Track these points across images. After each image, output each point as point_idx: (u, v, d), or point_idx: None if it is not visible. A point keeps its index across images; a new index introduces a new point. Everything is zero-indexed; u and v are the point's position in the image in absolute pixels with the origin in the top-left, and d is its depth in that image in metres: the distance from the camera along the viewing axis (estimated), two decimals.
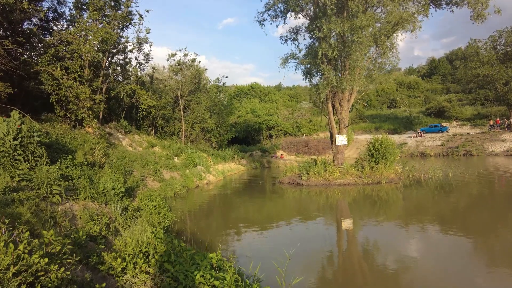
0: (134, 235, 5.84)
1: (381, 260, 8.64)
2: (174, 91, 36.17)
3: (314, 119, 64.65)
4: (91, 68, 20.23)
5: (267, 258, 8.12)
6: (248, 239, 10.71)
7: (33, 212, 6.30)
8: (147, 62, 30.40)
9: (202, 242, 9.40)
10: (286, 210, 15.65)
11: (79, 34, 17.46)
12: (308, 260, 8.60)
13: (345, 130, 21.14)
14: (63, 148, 12.94)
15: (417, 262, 8.28)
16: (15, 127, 9.32)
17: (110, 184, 11.04)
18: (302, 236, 11.19)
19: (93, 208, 8.54)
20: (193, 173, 23.25)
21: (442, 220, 12.25)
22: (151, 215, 10.10)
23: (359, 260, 8.85)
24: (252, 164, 38.30)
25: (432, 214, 13.22)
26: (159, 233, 6.00)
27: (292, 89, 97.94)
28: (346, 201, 17.41)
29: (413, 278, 7.31)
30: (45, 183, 7.82)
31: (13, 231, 4.42)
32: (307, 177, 20.43)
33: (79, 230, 6.34)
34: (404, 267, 8.05)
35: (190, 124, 35.63)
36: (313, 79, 23.23)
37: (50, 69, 15.38)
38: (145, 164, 19.71)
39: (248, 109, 64.93)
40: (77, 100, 16.45)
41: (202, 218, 13.95)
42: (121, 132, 24.07)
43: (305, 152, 48.88)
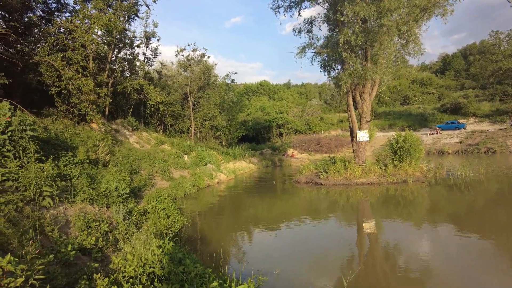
0: (136, 250, 4.58)
1: (404, 265, 7.73)
2: (183, 87, 35.19)
3: (325, 116, 63.06)
4: (96, 61, 19.15)
5: (296, 271, 6.84)
6: (271, 246, 9.36)
7: (11, 220, 5.08)
8: (155, 57, 29.41)
9: (218, 252, 8.11)
10: (305, 212, 14.26)
11: (81, 21, 16.29)
12: (329, 262, 8.00)
13: (366, 125, 19.64)
14: (62, 144, 11.75)
15: (443, 269, 7.20)
16: (4, 120, 8.12)
17: (113, 184, 9.82)
18: (324, 239, 10.16)
19: (92, 213, 7.31)
20: (204, 171, 22.03)
21: (478, 224, 10.76)
22: (159, 219, 8.85)
23: (381, 264, 7.96)
24: (263, 163, 37.02)
25: (465, 217, 11.80)
26: (168, 247, 4.73)
27: (302, 87, 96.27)
28: (369, 201, 15.99)
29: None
30: (33, 183, 6.60)
31: None
32: (325, 176, 19.01)
33: (70, 242, 5.09)
34: (428, 273, 7.10)
35: (199, 121, 34.56)
36: (331, 72, 21.93)
37: (50, 60, 14.25)
38: (153, 162, 18.53)
39: (257, 107, 63.64)
40: (80, 93, 15.29)
41: (215, 221, 12.66)
42: (128, 129, 22.97)
43: (317, 150, 47.45)
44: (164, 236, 7.12)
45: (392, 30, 14.72)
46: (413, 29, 15.52)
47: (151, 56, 28.80)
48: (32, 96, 15.93)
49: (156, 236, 6.36)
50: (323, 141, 48.93)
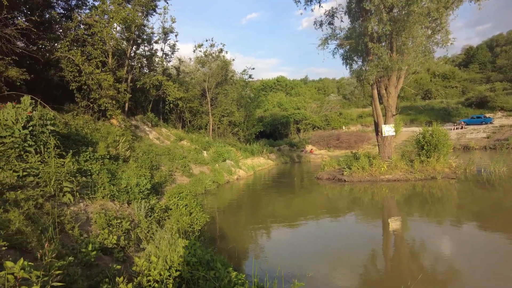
0: (161, 251, 4.22)
1: (430, 265, 7.26)
2: (201, 83, 35.09)
3: (344, 111, 61.78)
4: (115, 57, 19.10)
5: (327, 273, 6.38)
6: (298, 246, 8.89)
7: (31, 217, 4.82)
8: (173, 53, 29.29)
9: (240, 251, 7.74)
10: (328, 210, 13.70)
11: (100, 16, 16.19)
12: (353, 261, 7.67)
13: (392, 119, 18.80)
14: (82, 139, 11.62)
15: (472, 271, 6.80)
16: (25, 114, 7.96)
17: (134, 180, 9.56)
18: (350, 238, 9.67)
19: (113, 209, 7.03)
20: (223, 168, 21.74)
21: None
22: (181, 216, 8.53)
23: (407, 263, 7.59)
24: (281, 159, 36.49)
25: (498, 216, 11.00)
26: (195, 247, 4.35)
27: (319, 82, 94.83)
28: (395, 198, 15.31)
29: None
30: (53, 178, 6.36)
31: None
32: (349, 172, 18.33)
33: (90, 241, 4.79)
34: (455, 274, 6.76)
35: (217, 117, 34.40)
36: (353, 65, 21.19)
37: (70, 55, 14.18)
38: (173, 158, 18.34)
39: (274, 103, 62.98)
40: (100, 89, 15.20)
41: (236, 218, 12.29)
42: (147, 125, 22.94)
43: (336, 146, 46.51)
44: (187, 234, 6.78)
45: (422, 17, 13.85)
46: (443, 16, 14.58)
47: (169, 52, 28.74)
48: (54, 92, 15.96)
49: (180, 234, 6.01)
50: (342, 137, 47.92)
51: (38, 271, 2.44)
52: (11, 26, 10.94)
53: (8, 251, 3.89)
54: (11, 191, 5.37)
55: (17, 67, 11.63)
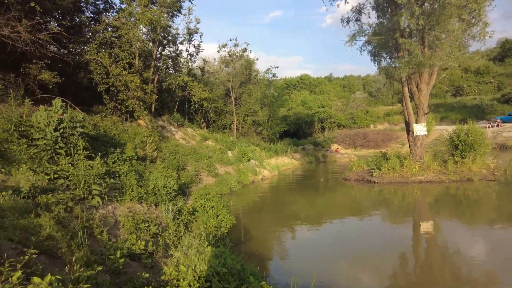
0: (189, 260, 4.07)
1: (465, 271, 6.92)
2: (225, 83, 35.22)
3: (370, 109, 60.09)
4: (142, 59, 19.40)
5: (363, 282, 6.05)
6: (329, 251, 8.56)
7: (61, 222, 4.83)
8: (198, 54, 29.52)
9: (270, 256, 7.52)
10: (357, 212, 13.23)
11: (127, 18, 16.46)
12: (382, 265, 7.38)
13: (424, 118, 17.96)
14: (111, 141, 11.80)
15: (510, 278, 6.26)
16: (56, 117, 8.10)
17: (162, 181, 9.56)
18: (378, 240, 9.31)
19: (141, 212, 7.01)
20: (247, 167, 21.60)
21: None
22: (208, 219, 8.42)
23: (440, 268, 7.11)
24: (306, 159, 35.92)
25: None
26: (225, 256, 4.16)
27: (344, 79, 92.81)
28: (427, 200, 14.63)
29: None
30: (82, 181, 6.40)
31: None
32: (379, 173, 17.68)
33: (119, 246, 4.72)
34: (491, 280, 6.28)
35: (241, 117, 34.39)
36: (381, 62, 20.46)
37: (98, 57, 14.49)
38: (198, 158, 18.40)
39: (298, 101, 62.25)
40: (127, 90, 15.45)
41: (264, 220, 12.08)
42: (174, 125, 23.19)
43: (363, 146, 45.30)
44: (215, 238, 6.64)
45: (459, 9, 13.05)
46: (482, 7, 13.70)
47: (194, 53, 28.97)
48: (83, 94, 16.39)
49: (207, 238, 5.87)
50: (369, 136, 46.60)
51: (66, 286, 2.33)
52: (43, 31, 11.24)
53: (39, 257, 3.86)
54: (43, 195, 5.42)
55: (49, 71, 11.97)
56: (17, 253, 3.51)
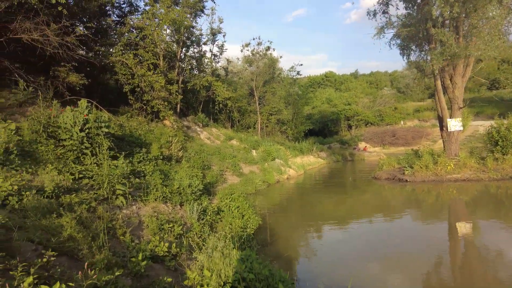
0: (214, 264, 3.83)
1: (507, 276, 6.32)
2: (248, 82, 35.11)
3: (399, 106, 57.98)
4: (166, 60, 19.58)
5: None
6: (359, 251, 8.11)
7: (83, 222, 4.74)
8: (221, 54, 29.55)
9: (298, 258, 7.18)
10: (389, 211, 12.60)
11: (150, 19, 16.62)
12: (416, 269, 6.97)
13: (459, 113, 16.93)
14: (136, 141, 11.87)
15: None
16: (82, 117, 8.16)
17: (186, 181, 9.44)
18: (411, 242, 8.78)
19: (165, 212, 6.87)
20: (273, 167, 21.30)
21: None
22: (233, 219, 8.20)
23: (481, 273, 6.68)
24: (332, 157, 35.11)
25: None
26: (251, 260, 3.89)
27: (371, 76, 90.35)
28: (464, 200, 13.73)
29: None
30: (106, 181, 6.35)
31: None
32: (411, 171, 16.83)
33: (141, 248, 4.57)
34: None
35: (265, 116, 34.14)
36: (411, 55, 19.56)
37: (123, 58, 14.70)
38: (223, 158, 18.31)
39: (323, 99, 61.18)
40: (152, 90, 15.59)
41: (290, 220, 11.74)
42: (198, 125, 23.31)
43: (392, 143, 43.86)
44: (241, 239, 6.40)
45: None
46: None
47: (218, 53, 29.03)
48: (109, 95, 16.71)
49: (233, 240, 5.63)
50: (398, 133, 45.03)
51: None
52: (71, 34, 11.46)
53: (60, 258, 3.75)
54: (67, 194, 5.38)
55: (77, 73, 12.22)
56: (37, 255, 3.41)
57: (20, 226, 3.93)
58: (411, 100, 65.13)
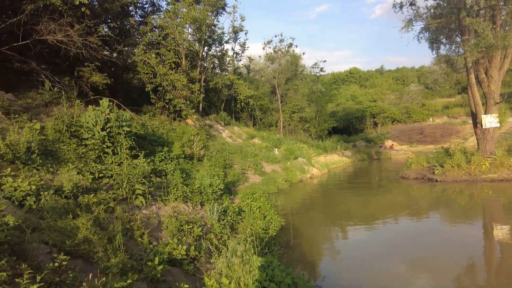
0: (233, 271, 3.60)
1: None
2: (270, 80, 34.82)
3: (427, 102, 55.87)
4: (188, 59, 19.64)
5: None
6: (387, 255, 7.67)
7: (100, 223, 4.64)
8: (243, 52, 29.46)
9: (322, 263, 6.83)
10: (417, 213, 11.96)
11: (172, 18, 16.66)
12: (449, 274, 6.46)
13: (495, 108, 15.89)
14: (158, 140, 11.87)
15: None
16: (103, 116, 8.17)
17: (207, 180, 9.28)
18: (443, 244, 8.20)
19: (185, 213, 6.73)
20: (295, 166, 20.90)
21: None
22: (254, 220, 7.96)
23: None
24: (358, 156, 34.20)
25: None
26: (272, 267, 3.64)
27: (397, 72, 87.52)
28: (501, 201, 12.83)
29: None
30: (125, 180, 6.27)
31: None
32: (441, 170, 15.99)
33: (159, 250, 4.41)
34: None
35: (288, 114, 33.73)
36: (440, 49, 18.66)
37: (146, 58, 14.81)
38: (245, 156, 18.14)
39: (347, 96, 59.80)
40: (174, 89, 15.63)
41: (313, 221, 11.37)
42: (220, 124, 23.28)
43: (419, 141, 42.35)
44: (262, 243, 6.15)
45: None
46: None
47: (240, 51, 28.95)
48: (133, 95, 16.91)
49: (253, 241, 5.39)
50: (426, 130, 43.39)
51: None
52: (94, 35, 11.60)
53: (75, 261, 3.64)
54: (85, 194, 5.33)
55: (100, 73, 12.38)
56: (50, 258, 3.30)
57: (35, 227, 3.87)
58: (439, 96, 62.63)
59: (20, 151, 5.80)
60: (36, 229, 3.84)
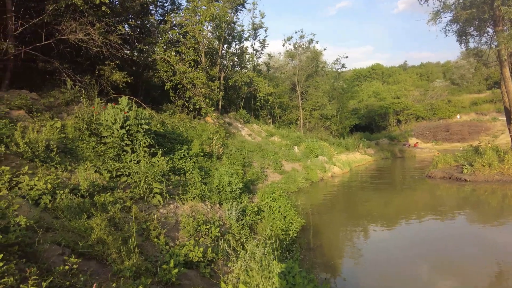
0: (251, 278, 3.39)
1: None
2: (290, 77, 34.34)
3: (453, 99, 53.71)
4: (208, 57, 19.58)
5: None
6: (418, 260, 7.25)
7: (116, 223, 4.53)
8: (263, 49, 29.21)
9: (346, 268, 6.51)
10: (445, 215, 11.36)
11: (191, 15, 16.60)
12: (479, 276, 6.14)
13: None
14: (178, 137, 11.80)
15: None
16: (122, 114, 8.14)
17: (226, 179, 9.12)
18: (475, 246, 7.73)
19: (203, 212, 6.58)
20: (316, 164, 20.47)
21: None
22: (274, 220, 7.73)
23: None
24: (381, 154, 33.29)
25: None
26: (293, 273, 3.40)
27: (421, 67, 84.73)
28: None
29: None
30: (143, 179, 6.17)
31: None
32: (471, 170, 15.20)
33: (175, 252, 4.25)
34: None
35: (308, 111, 33.15)
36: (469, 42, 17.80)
37: (165, 56, 14.81)
38: (264, 155, 17.91)
39: (369, 93, 58.37)
40: (193, 87, 15.58)
41: (335, 222, 11.02)
42: (240, 121, 23.15)
43: (445, 139, 40.80)
44: (282, 245, 5.90)
45: None
46: None
47: (259, 48, 28.72)
48: (153, 93, 17.00)
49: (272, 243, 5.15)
50: (453, 128, 41.74)
51: None
52: (114, 33, 11.66)
53: (88, 262, 3.53)
54: (102, 193, 5.25)
55: (120, 71, 12.46)
56: (62, 260, 3.20)
57: (49, 227, 3.80)
58: (467, 92, 60.16)
59: (39, 149, 5.81)
60: (49, 229, 3.78)
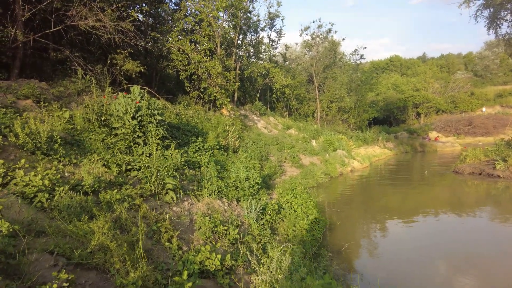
0: None
1: None
2: (307, 69, 33.36)
3: (476, 91, 51.52)
4: (223, 46, 18.93)
5: None
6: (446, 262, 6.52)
7: (122, 225, 3.99)
8: (279, 39, 28.35)
9: (380, 276, 5.85)
10: (479, 214, 10.48)
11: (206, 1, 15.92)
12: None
13: None
14: (192, 130, 11.24)
15: None
16: (134, 104, 7.60)
17: (244, 173, 8.52)
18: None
19: (220, 210, 6.00)
20: (334, 158, 19.68)
21: None
22: (296, 219, 7.10)
23: None
24: (400, 148, 32.13)
25: None
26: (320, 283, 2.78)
27: (442, 59, 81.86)
28: None
29: None
30: (154, 174, 5.61)
31: None
32: (504, 165, 14.15)
33: (189, 259, 3.69)
34: None
35: (325, 103, 32.18)
36: (502, 27, 16.62)
37: (180, 44, 14.22)
38: (281, 148, 17.24)
39: (388, 85, 56.59)
40: (209, 77, 14.96)
41: (361, 221, 10.30)
42: (256, 114, 22.51)
43: (468, 133, 39.16)
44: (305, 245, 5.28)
45: None
46: None
47: (276, 38, 27.91)
48: (167, 83, 16.49)
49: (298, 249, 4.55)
50: (476, 121, 39.98)
51: None
52: (126, 20, 11.13)
53: (87, 273, 3.00)
54: (108, 190, 4.72)
55: (133, 61, 11.95)
56: (56, 270, 2.66)
57: (41, 231, 3.27)
58: (491, 84, 57.79)
59: (41, 141, 5.32)
60: (42, 233, 3.26)
